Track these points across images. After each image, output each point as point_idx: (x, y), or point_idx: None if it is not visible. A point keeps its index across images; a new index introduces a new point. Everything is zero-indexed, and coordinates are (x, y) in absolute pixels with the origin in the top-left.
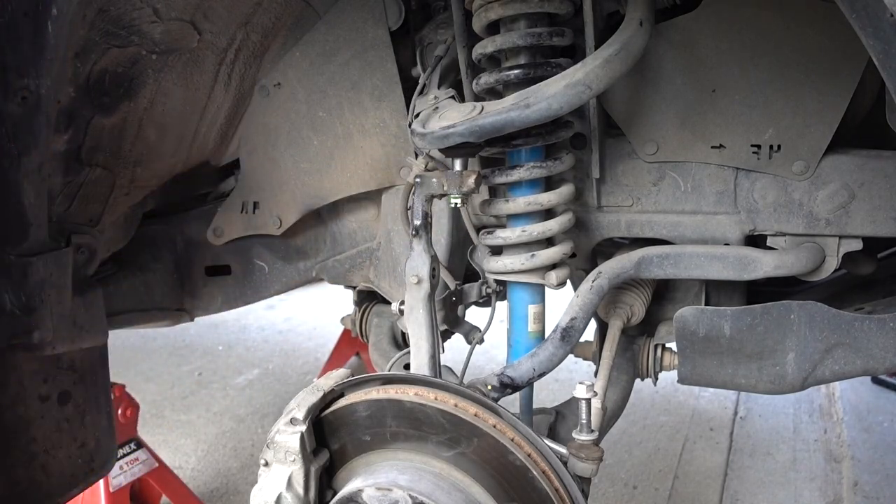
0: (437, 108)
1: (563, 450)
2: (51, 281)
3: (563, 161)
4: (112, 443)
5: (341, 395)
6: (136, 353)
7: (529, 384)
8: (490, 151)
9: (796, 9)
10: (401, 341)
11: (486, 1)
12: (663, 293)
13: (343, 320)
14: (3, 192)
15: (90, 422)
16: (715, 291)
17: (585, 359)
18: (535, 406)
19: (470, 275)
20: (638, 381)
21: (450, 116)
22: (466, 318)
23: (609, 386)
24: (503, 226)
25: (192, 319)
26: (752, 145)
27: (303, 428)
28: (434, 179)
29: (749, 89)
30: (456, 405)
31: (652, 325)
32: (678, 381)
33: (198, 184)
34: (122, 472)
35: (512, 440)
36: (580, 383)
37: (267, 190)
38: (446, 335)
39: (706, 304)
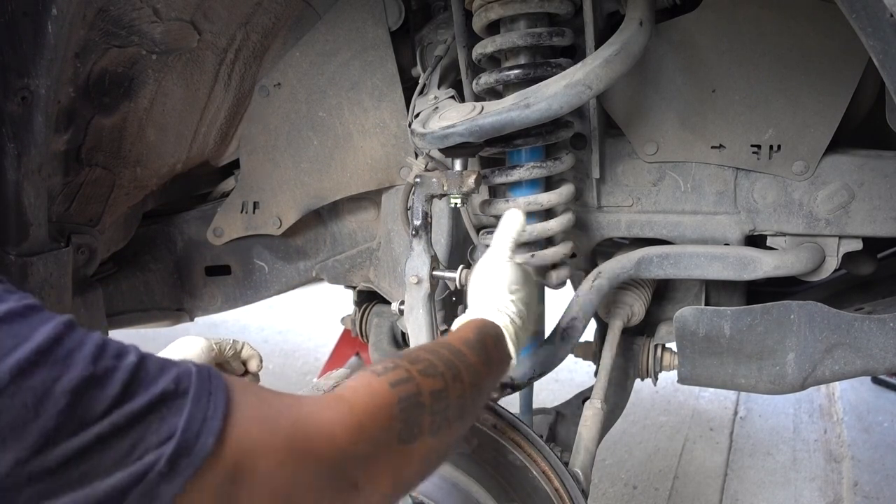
0: (437, 108)
1: None
2: (51, 281)
3: (563, 161)
4: None
5: None
6: None
7: (529, 384)
8: (490, 151)
9: (796, 9)
10: (401, 341)
11: (486, 1)
12: (663, 293)
13: (343, 320)
14: (3, 191)
15: None
16: (715, 291)
17: (585, 359)
18: (535, 406)
19: None
20: (638, 381)
21: (450, 116)
22: None
23: (609, 386)
24: None
25: (192, 319)
26: (752, 145)
27: None
28: (434, 179)
29: (749, 89)
30: None
31: (652, 325)
32: (678, 381)
33: (198, 184)
34: None
35: (512, 440)
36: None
37: (267, 190)
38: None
39: (706, 304)
